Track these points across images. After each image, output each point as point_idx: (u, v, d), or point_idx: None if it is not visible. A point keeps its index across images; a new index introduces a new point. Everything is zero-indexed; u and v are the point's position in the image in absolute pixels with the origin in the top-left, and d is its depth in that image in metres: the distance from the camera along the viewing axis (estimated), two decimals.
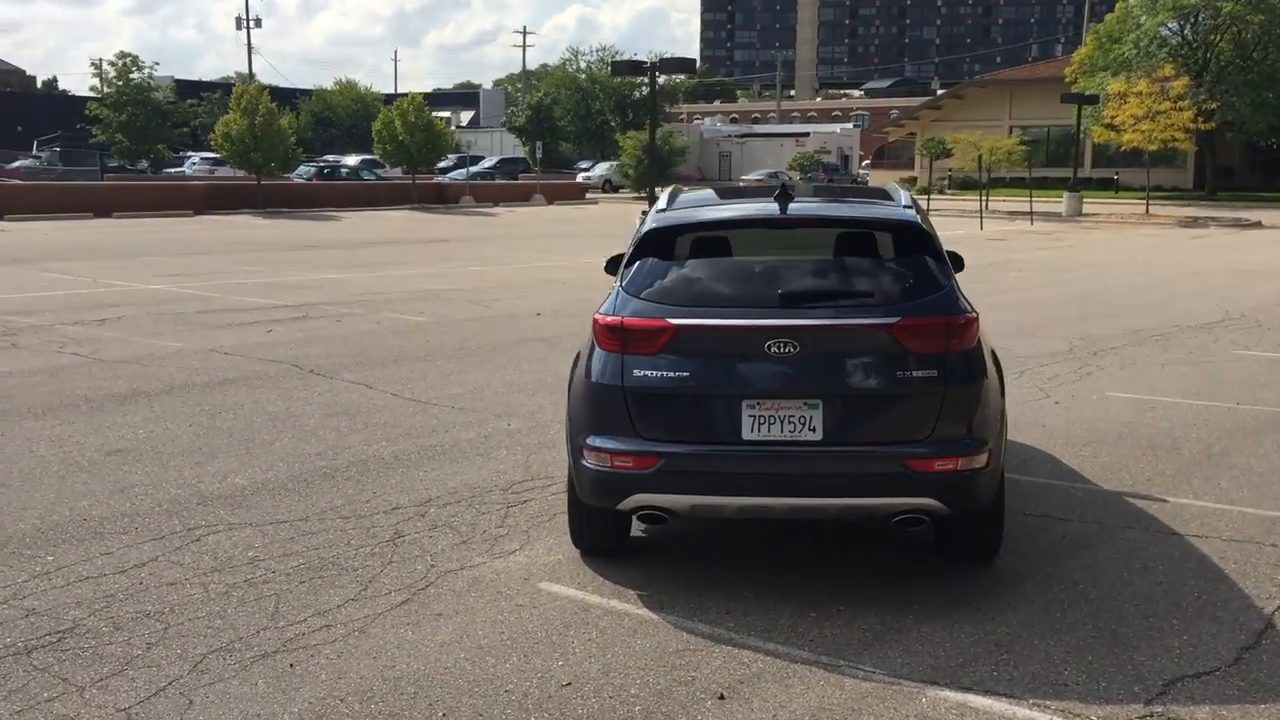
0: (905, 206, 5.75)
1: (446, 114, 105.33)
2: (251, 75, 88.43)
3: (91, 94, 63.00)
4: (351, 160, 60.21)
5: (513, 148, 78.69)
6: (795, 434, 5.10)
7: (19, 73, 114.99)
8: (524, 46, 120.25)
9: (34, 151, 62.01)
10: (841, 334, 5.18)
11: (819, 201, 5.79)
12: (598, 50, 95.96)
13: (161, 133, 58.56)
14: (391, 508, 6.59)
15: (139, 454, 7.74)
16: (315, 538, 6.08)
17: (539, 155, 65.71)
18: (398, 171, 52.46)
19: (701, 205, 6.05)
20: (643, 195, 52.35)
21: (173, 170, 61.27)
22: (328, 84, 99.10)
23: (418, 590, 5.40)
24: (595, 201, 52.98)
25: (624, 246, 5.92)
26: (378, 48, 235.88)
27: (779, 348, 5.09)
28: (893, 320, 5.14)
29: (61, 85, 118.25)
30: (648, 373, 5.19)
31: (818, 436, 5.10)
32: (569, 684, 4.46)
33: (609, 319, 5.30)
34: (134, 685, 4.40)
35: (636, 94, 74.79)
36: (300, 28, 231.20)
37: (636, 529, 5.99)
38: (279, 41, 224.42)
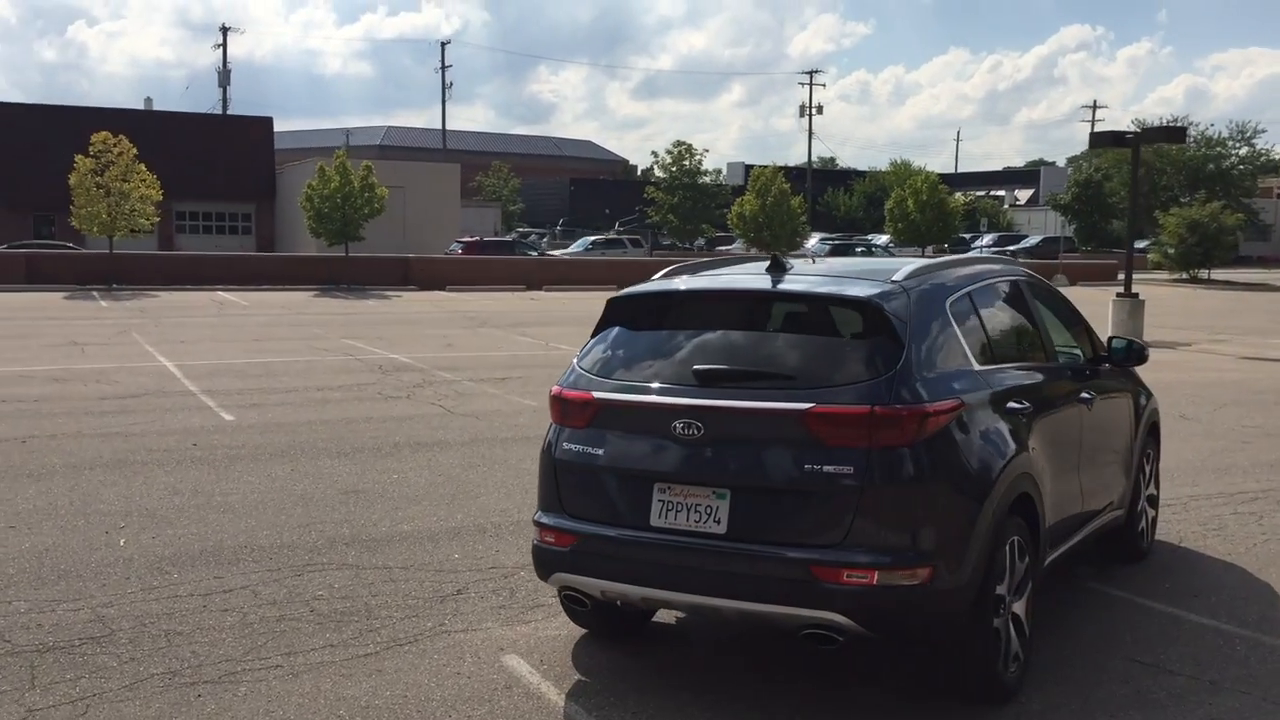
0: (891, 283, 5.04)
1: (1000, 192, 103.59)
2: (810, 160, 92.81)
3: (650, 179, 69.14)
4: (882, 239, 60.91)
5: (1061, 225, 75.35)
6: (700, 525, 4.69)
7: (622, 162, 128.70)
8: (1092, 121, 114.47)
9: (614, 230, 69.35)
10: (749, 419, 4.69)
11: (791, 275, 5.22)
12: (1169, 121, 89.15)
13: (707, 213, 62.98)
14: None
15: (368, 494, 8.63)
16: (399, 584, 6.47)
17: (1064, 234, 62.22)
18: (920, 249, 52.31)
19: (679, 276, 5.71)
20: (1186, 277, 47.93)
21: (722, 247, 65.65)
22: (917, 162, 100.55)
23: (396, 644, 5.59)
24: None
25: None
26: (966, 128, 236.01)
27: (685, 429, 4.72)
28: (804, 406, 4.58)
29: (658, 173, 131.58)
30: (574, 447, 5.05)
31: (721, 530, 4.65)
32: None
33: (553, 389, 5.22)
34: (70, 691, 5.00)
35: (1220, 166, 68.36)
36: (891, 112, 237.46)
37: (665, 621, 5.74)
38: (869, 127, 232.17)
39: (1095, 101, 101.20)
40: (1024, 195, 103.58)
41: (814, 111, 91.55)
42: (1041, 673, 5.32)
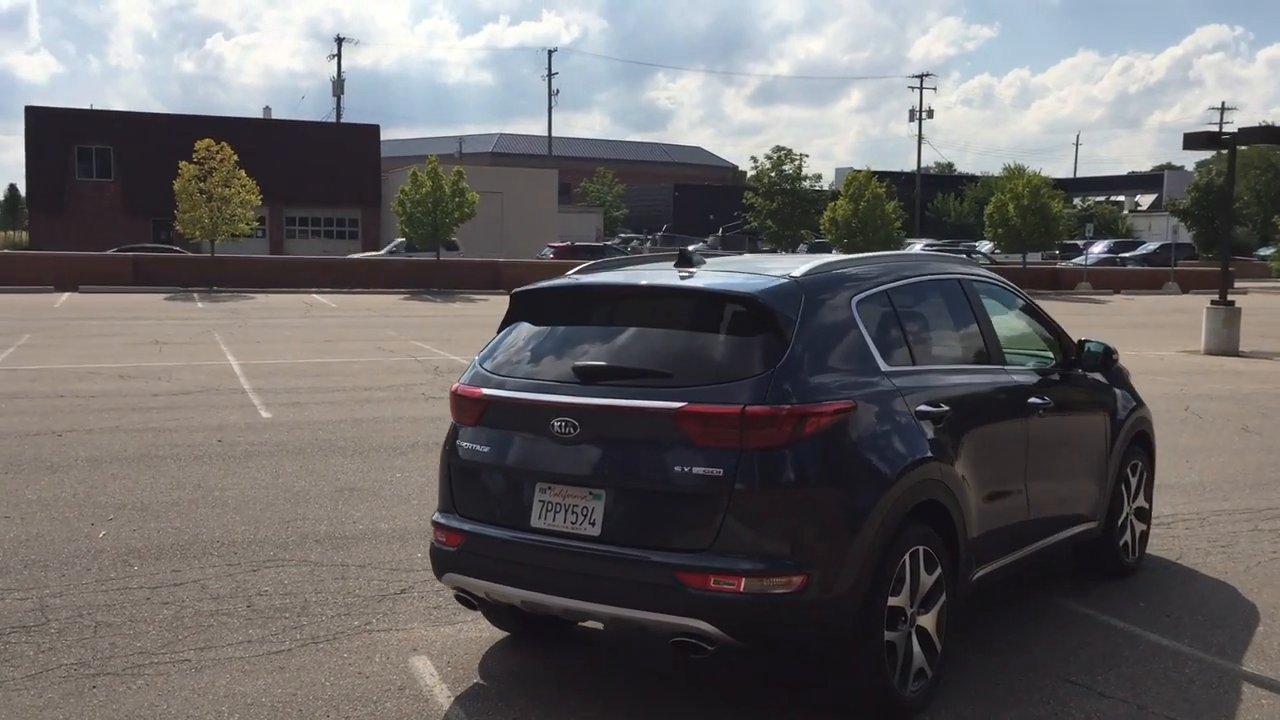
0: (786, 279, 4.84)
1: (1120, 197, 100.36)
2: (919, 165, 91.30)
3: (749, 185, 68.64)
4: (985, 246, 59.51)
5: (1174, 230, 72.76)
6: (575, 527, 4.58)
7: (732, 168, 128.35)
8: (1220, 124, 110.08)
9: (715, 236, 69.20)
10: (623, 418, 4.55)
11: (692, 272, 5.02)
12: None
13: (806, 219, 62.34)
14: None
15: (361, 492, 8.69)
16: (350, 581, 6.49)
17: (1176, 239, 59.94)
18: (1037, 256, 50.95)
19: (589, 272, 5.57)
20: None
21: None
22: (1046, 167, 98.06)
23: (316, 641, 5.59)
24: (1245, 290, 47.31)
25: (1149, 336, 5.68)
26: (1096, 132, 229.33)
27: (562, 428, 4.61)
28: (676, 406, 4.42)
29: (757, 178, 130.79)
30: (464, 445, 4.98)
31: (595, 532, 4.53)
32: None
33: (452, 386, 5.16)
34: None
35: None
36: (1015, 116, 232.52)
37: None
38: (992, 132, 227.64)
39: (1224, 104, 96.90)
40: (1146, 200, 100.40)
41: (925, 116, 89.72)
42: (962, 689, 5.08)
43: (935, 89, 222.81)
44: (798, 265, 5.00)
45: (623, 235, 74.99)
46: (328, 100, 76.49)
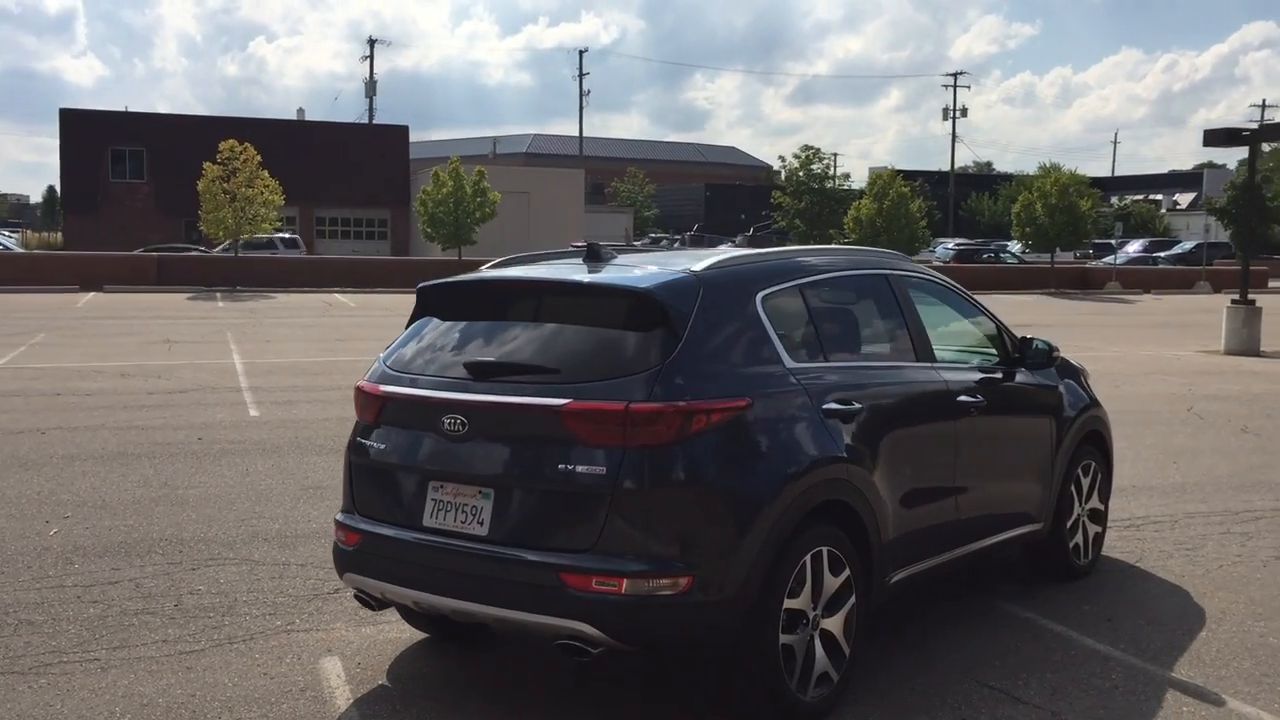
0: (684, 273, 4.73)
1: (1158, 196, 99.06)
2: (952, 164, 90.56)
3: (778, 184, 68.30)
4: (1016, 247, 58.92)
5: (1207, 229, 71.63)
6: (464, 526, 4.50)
7: (766, 168, 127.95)
8: (1261, 120, 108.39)
9: (744, 236, 68.97)
10: (510, 414, 4.47)
11: (597, 266, 4.92)
12: None
13: (835, 218, 61.99)
14: None
15: (326, 491, 8.66)
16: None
17: (1209, 238, 59.06)
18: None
19: (504, 266, 5.49)
20: None
21: None
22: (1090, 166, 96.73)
23: (230, 641, 5.54)
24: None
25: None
26: (1139, 131, 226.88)
27: (451, 425, 4.54)
28: (561, 402, 4.34)
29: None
30: (363, 442, 4.93)
31: (483, 532, 4.46)
32: None
33: (357, 383, 5.10)
34: None
35: None
36: (1057, 115, 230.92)
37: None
38: (1033, 130, 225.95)
39: (1264, 101, 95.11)
40: (1185, 199, 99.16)
41: (960, 115, 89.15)
42: (875, 693, 4.96)
43: (970, 87, 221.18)
44: (703, 260, 4.90)
45: (653, 235, 74.97)
46: (365, 101, 76.77)
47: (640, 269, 4.87)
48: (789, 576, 4.50)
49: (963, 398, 5.69)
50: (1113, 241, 58.48)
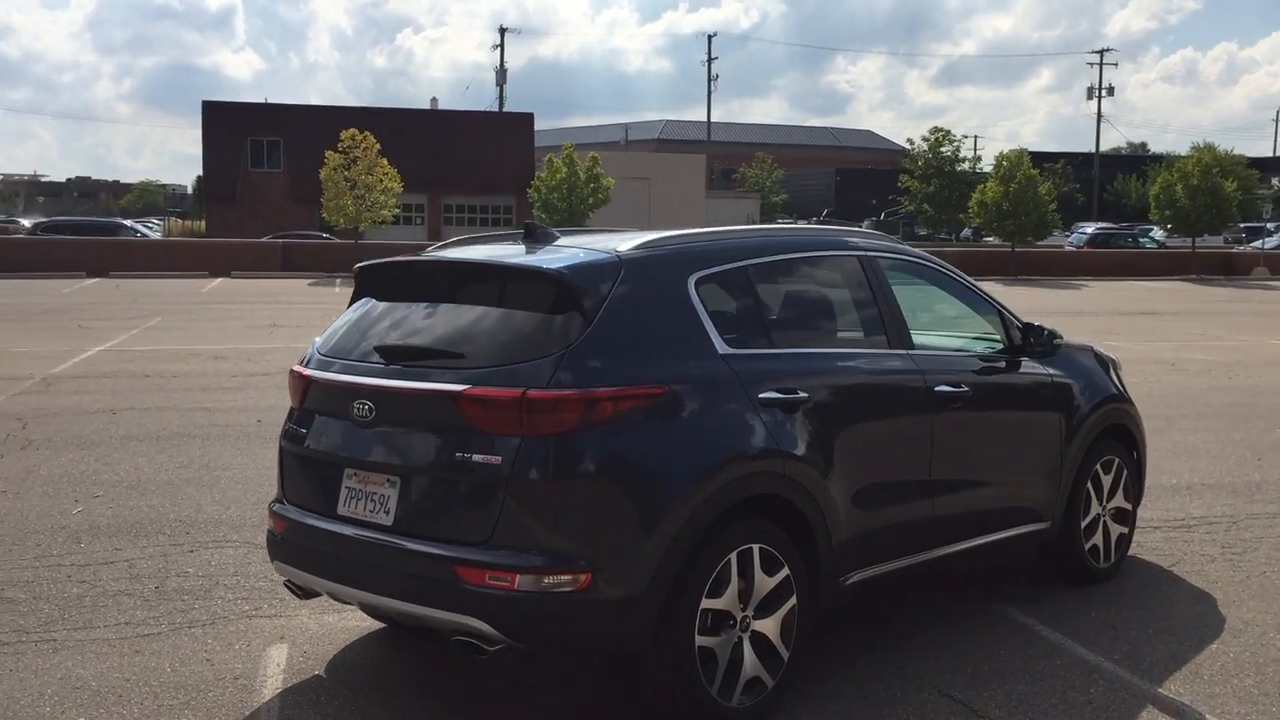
0: (607, 253, 4.50)
1: None
2: (1097, 145, 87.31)
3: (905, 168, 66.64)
4: (1158, 232, 56.48)
5: None
6: (372, 515, 4.37)
7: (901, 152, 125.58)
8: None
9: (869, 222, 67.70)
10: (412, 400, 4.31)
11: (537, 246, 4.71)
12: None
13: (964, 202, 60.33)
14: None
15: None
16: None
17: None
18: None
19: (448, 247, 5.30)
20: None
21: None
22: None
23: (193, 625, 5.54)
24: None
25: None
26: None
27: (360, 411, 4.40)
28: (458, 388, 4.15)
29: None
30: (291, 427, 4.83)
31: (388, 522, 4.31)
32: None
33: (292, 366, 5.01)
34: None
35: None
36: (1221, 93, 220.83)
37: None
38: (1195, 109, 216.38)
39: None
40: None
41: (1106, 93, 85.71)
42: (820, 700, 4.68)
43: (1117, 64, 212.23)
44: (637, 239, 4.66)
45: (780, 220, 74.14)
46: (512, 90, 77.86)
47: (567, 250, 4.66)
48: (708, 575, 4.25)
49: (942, 388, 5.31)
50: (1267, 224, 55.71)
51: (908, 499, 5.17)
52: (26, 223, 57.17)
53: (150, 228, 59.49)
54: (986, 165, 62.21)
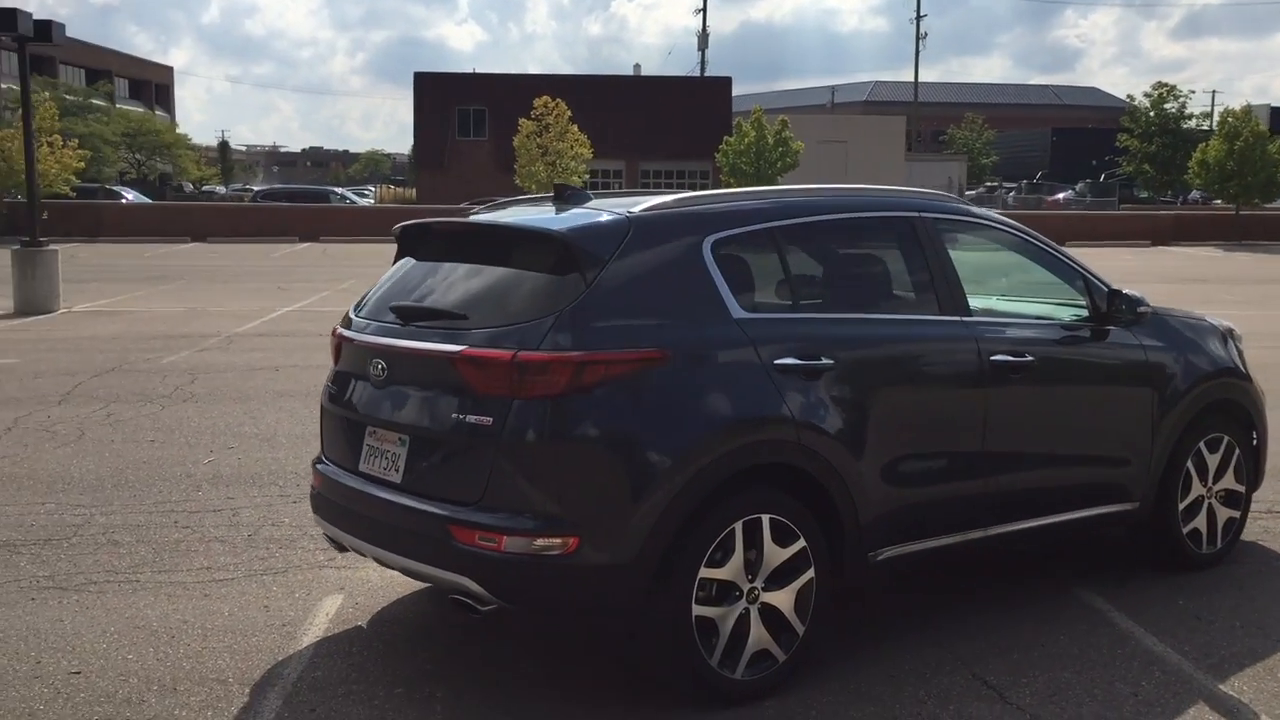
0: (618, 214, 4.41)
1: None
2: None
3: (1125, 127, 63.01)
4: None
5: None
6: (385, 473, 4.45)
7: (1128, 110, 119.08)
8: None
9: (1084, 184, 64.70)
10: (417, 361, 4.36)
11: (566, 208, 4.65)
12: None
13: (1186, 163, 56.84)
14: None
15: None
16: None
17: None
18: None
19: (491, 209, 5.28)
20: None
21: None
22: None
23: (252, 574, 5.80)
24: None
25: None
26: None
27: (375, 370, 4.49)
28: (456, 349, 4.18)
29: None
30: (329, 386, 4.96)
31: (398, 479, 4.39)
32: (78, 672, 4.63)
33: (334, 327, 5.14)
34: None
35: None
36: None
37: None
38: None
39: None
40: None
41: None
42: (832, 677, 4.52)
43: None
44: (653, 200, 4.58)
45: (989, 183, 71.59)
46: (723, 55, 77.77)
47: (583, 212, 4.62)
48: (707, 544, 4.16)
49: (1001, 357, 5.03)
50: None
51: (956, 474, 4.94)
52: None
53: (363, 196, 62.19)
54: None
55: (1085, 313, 5.61)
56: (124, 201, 40.63)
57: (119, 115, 62.78)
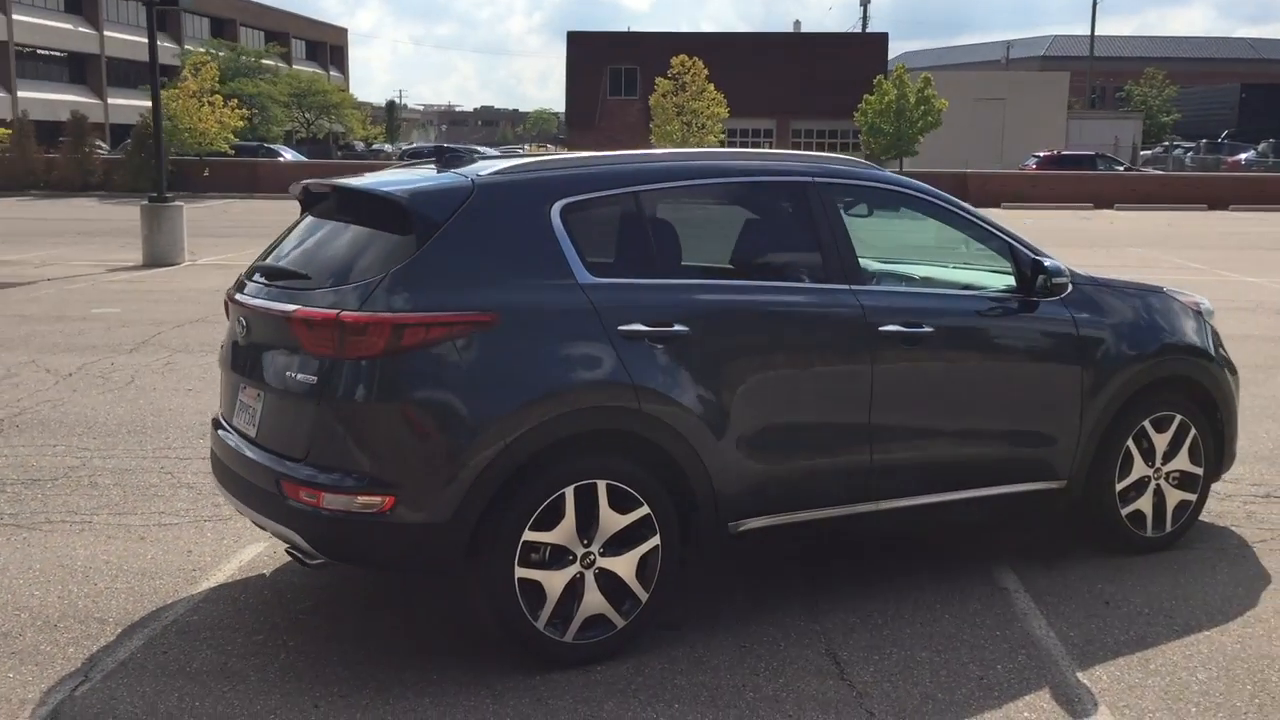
0: (464, 178, 4.43)
1: None
2: None
3: None
4: None
5: None
6: (247, 427, 4.61)
7: None
8: None
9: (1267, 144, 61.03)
10: (263, 319, 4.49)
11: (414, 170, 4.66)
12: None
13: None
14: None
15: None
16: None
17: None
18: None
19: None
20: None
21: None
22: None
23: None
24: None
25: None
26: None
27: (241, 328, 4.65)
28: (290, 309, 4.30)
29: None
30: (221, 345, 5.13)
31: (253, 434, 4.55)
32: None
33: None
34: None
35: None
36: None
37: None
38: None
39: None
40: None
41: None
42: (694, 643, 4.51)
43: None
44: (509, 164, 4.59)
45: (1165, 143, 68.08)
46: (899, 10, 75.94)
47: (437, 175, 4.66)
48: (532, 507, 4.19)
49: (891, 328, 4.86)
50: None
51: (836, 446, 4.82)
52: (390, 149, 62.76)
53: (515, 155, 63.23)
54: None
55: (1003, 284, 5.38)
56: (280, 160, 42.29)
57: (289, 76, 65.22)
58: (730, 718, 4.00)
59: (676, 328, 4.43)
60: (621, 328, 4.35)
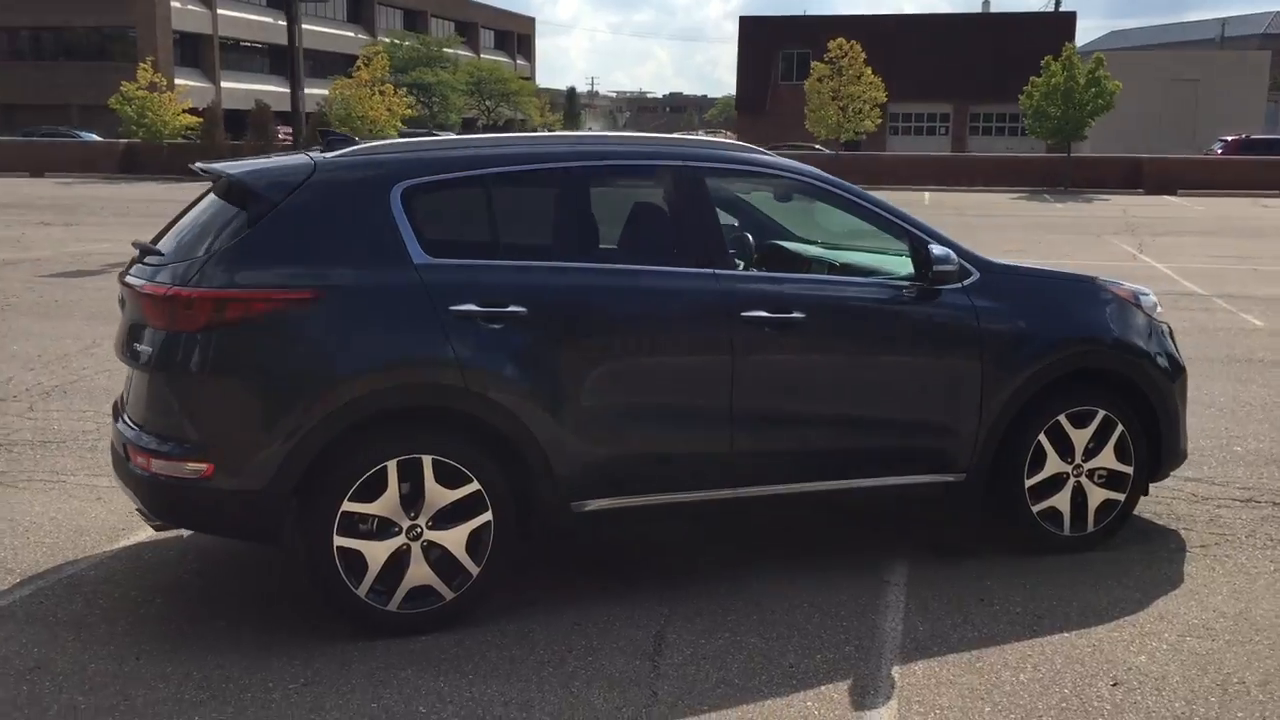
0: (307, 159, 4.58)
1: None
2: None
3: None
4: None
5: None
6: (126, 400, 4.90)
7: None
8: None
9: None
10: (129, 295, 4.74)
11: (253, 160, 4.84)
12: None
13: None
14: None
15: None
16: None
17: None
18: None
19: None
20: None
21: None
22: None
23: None
24: None
25: None
26: None
27: (120, 305, 4.93)
28: (139, 283, 4.57)
29: None
30: None
31: (125, 409, 4.82)
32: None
33: None
34: None
35: None
36: None
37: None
38: None
39: None
40: None
41: None
42: (529, 620, 4.58)
43: None
44: (360, 148, 4.74)
45: None
46: None
47: (290, 158, 4.84)
48: (351, 480, 4.33)
49: (755, 313, 4.79)
50: None
51: (691, 430, 4.78)
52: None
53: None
54: None
55: (901, 271, 5.23)
56: None
57: (469, 65, 67.14)
58: (513, 691, 4.06)
59: (512, 308, 4.50)
60: (454, 308, 4.44)
